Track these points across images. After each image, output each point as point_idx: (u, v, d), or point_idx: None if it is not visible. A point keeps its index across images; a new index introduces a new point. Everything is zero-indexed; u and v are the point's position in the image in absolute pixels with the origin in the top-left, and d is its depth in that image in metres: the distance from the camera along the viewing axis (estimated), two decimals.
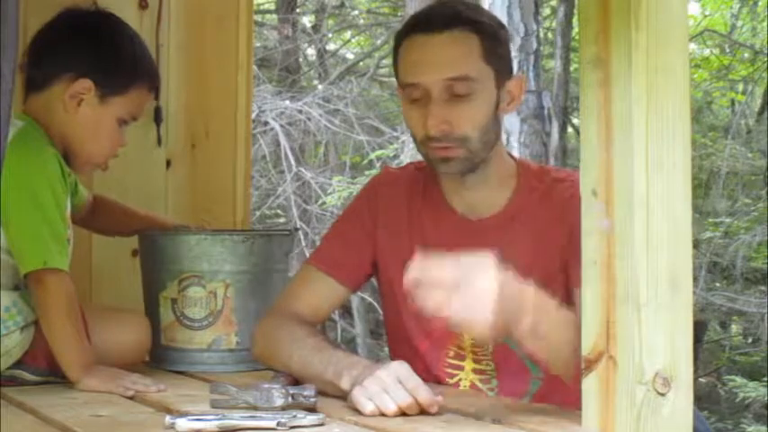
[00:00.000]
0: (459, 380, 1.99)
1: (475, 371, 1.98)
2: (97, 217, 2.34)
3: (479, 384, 1.98)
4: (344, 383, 1.69)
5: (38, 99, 2.08)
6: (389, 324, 2.10)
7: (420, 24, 1.95)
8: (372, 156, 7.91)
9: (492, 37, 1.94)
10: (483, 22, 1.95)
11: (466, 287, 1.48)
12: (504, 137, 5.35)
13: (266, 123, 7.74)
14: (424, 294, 1.51)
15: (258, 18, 9.77)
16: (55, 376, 2.00)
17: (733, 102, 10.43)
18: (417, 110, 1.92)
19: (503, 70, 1.95)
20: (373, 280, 2.13)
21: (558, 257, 1.90)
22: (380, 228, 2.05)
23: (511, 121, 5.84)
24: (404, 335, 2.03)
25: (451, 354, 1.99)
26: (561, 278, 1.88)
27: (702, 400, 7.66)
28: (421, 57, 1.92)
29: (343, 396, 1.69)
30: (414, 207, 2.04)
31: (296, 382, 1.85)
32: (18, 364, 2.01)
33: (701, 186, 8.26)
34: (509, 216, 1.98)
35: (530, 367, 1.94)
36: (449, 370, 2.00)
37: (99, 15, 2.20)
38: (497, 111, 1.95)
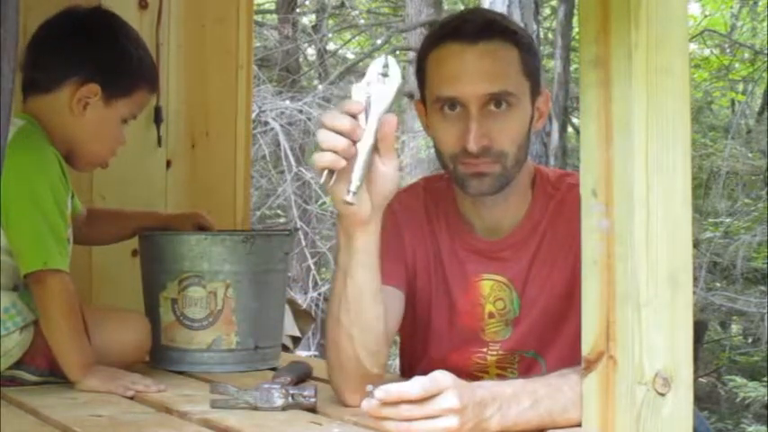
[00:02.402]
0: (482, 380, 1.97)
1: (499, 376, 1.96)
2: (94, 227, 2.33)
3: None
4: None
5: (41, 101, 2.08)
6: (406, 333, 2.04)
7: (454, 33, 1.83)
8: None
9: (528, 49, 1.85)
10: (520, 34, 1.87)
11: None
12: None
13: (266, 123, 7.75)
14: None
15: (258, 18, 9.77)
16: (55, 376, 2.00)
17: (733, 102, 10.44)
18: (452, 123, 1.81)
19: (536, 85, 1.87)
20: None
21: (571, 267, 1.83)
22: (407, 239, 1.96)
23: None
24: (423, 345, 2.00)
25: (474, 368, 1.97)
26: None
27: (702, 400, 7.67)
28: (459, 69, 1.81)
29: None
30: (433, 225, 1.96)
31: (297, 382, 1.85)
32: (18, 365, 2.00)
33: (701, 186, 8.27)
34: (526, 232, 1.92)
35: None
36: (472, 375, 1.97)
37: (101, 15, 2.20)
38: (530, 126, 1.86)
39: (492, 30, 1.82)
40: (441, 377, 1.43)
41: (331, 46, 10.95)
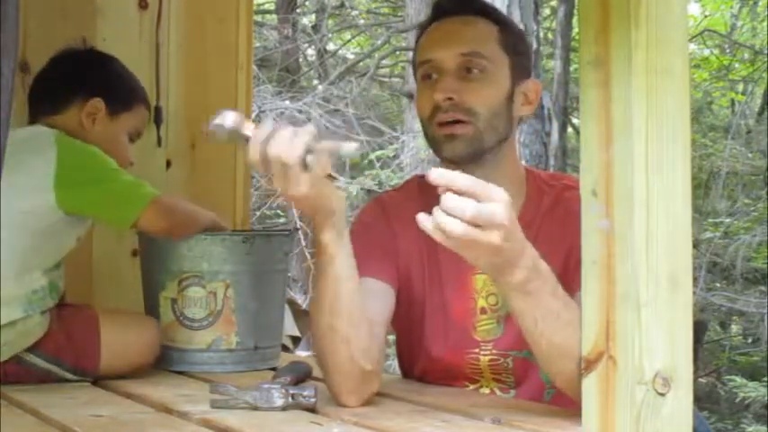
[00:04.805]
0: (480, 386, 1.98)
1: (495, 379, 1.97)
2: None
3: (498, 393, 1.97)
4: None
5: (53, 120, 2.19)
6: (402, 332, 2.06)
7: (440, 13, 1.99)
8: (372, 156, 7.93)
9: (510, 30, 1.97)
10: (501, 16, 2.02)
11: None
12: None
13: None
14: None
15: (258, 18, 9.77)
16: (60, 366, 2.04)
17: (733, 102, 10.44)
18: (429, 87, 1.92)
19: (520, 66, 1.95)
20: None
21: (561, 265, 1.81)
22: (398, 236, 1.96)
23: None
24: (418, 344, 2.00)
25: (468, 370, 1.97)
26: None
27: (702, 400, 7.66)
28: (437, 36, 1.95)
29: None
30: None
31: (297, 382, 1.85)
32: (28, 348, 2.04)
33: (701, 186, 8.26)
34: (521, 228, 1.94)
35: (545, 381, 1.90)
36: (468, 377, 1.98)
37: (94, 51, 2.36)
38: (510, 103, 1.93)
39: (471, 8, 1.97)
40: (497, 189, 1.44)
41: (331, 46, 10.94)
